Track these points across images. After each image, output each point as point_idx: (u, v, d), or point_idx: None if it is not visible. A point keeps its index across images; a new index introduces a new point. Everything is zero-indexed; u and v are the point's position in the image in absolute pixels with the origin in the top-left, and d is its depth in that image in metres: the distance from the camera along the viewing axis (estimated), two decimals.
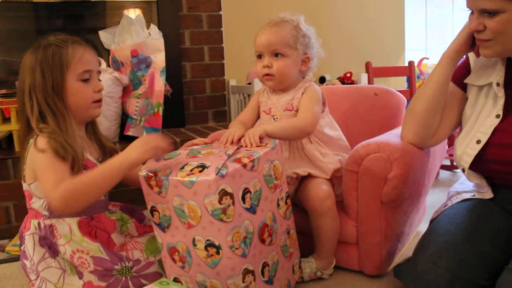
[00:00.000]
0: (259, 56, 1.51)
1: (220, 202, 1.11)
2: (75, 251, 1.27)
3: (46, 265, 1.28)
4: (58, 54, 1.30)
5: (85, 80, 1.34)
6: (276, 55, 1.47)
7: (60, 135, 1.27)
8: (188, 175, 1.14)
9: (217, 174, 1.10)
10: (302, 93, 1.50)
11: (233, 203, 1.13)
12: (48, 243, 1.29)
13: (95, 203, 1.34)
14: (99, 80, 1.41)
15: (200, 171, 1.13)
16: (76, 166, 1.27)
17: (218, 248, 1.14)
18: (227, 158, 1.17)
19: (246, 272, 1.17)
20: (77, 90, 1.33)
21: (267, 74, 1.49)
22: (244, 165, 1.17)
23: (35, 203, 1.32)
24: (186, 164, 1.18)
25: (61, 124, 1.30)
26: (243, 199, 1.17)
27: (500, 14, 1.11)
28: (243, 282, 1.17)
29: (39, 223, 1.31)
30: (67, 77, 1.31)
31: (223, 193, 1.11)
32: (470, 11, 1.19)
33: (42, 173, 1.23)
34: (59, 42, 1.32)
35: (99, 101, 1.39)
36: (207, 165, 1.14)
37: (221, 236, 1.13)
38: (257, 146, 1.28)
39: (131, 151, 1.23)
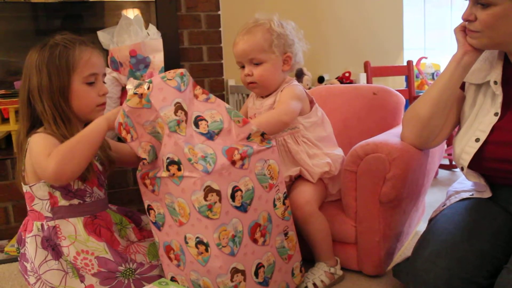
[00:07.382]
0: (241, 66, 1.52)
1: (205, 198, 1.11)
2: (79, 252, 1.27)
3: (48, 268, 1.27)
4: (65, 56, 1.28)
5: (90, 83, 1.32)
6: (255, 63, 1.48)
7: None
8: (173, 173, 1.14)
9: (202, 170, 1.10)
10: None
11: (220, 200, 1.13)
12: (52, 245, 1.28)
13: (97, 201, 1.35)
14: (104, 82, 1.39)
15: (178, 169, 1.13)
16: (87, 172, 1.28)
17: (206, 246, 1.14)
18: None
19: (235, 271, 1.17)
20: (82, 93, 1.31)
21: (251, 82, 1.51)
22: (233, 163, 1.17)
23: (37, 205, 1.30)
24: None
25: (67, 127, 1.28)
26: (233, 197, 1.17)
27: (492, 7, 1.11)
28: (232, 281, 1.16)
29: (42, 225, 1.29)
30: (72, 80, 1.29)
31: (209, 190, 1.11)
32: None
33: (36, 154, 1.22)
34: (67, 42, 1.30)
35: (102, 104, 1.36)
36: (175, 160, 1.13)
37: (208, 233, 1.13)
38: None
39: (105, 115, 1.27)
